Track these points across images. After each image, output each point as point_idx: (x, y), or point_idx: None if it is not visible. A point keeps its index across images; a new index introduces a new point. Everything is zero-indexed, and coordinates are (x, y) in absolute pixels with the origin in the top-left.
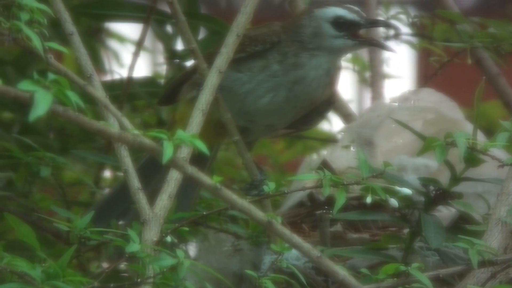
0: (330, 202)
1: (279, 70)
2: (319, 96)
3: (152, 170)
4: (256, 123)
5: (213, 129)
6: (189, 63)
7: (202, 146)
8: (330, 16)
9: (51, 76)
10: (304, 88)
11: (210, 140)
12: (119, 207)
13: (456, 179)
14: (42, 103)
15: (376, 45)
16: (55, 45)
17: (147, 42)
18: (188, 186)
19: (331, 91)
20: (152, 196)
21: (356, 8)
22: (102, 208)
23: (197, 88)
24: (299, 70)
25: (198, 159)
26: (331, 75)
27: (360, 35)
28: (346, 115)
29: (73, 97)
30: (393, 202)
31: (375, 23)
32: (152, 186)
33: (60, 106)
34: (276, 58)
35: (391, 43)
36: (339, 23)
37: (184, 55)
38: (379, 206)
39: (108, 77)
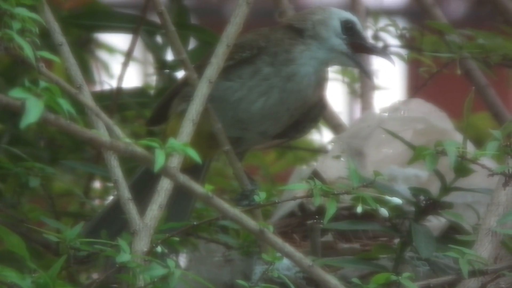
0: (320, 212)
1: (271, 72)
2: (310, 96)
3: (145, 186)
4: (249, 131)
5: (205, 142)
6: (179, 73)
7: (194, 154)
8: (344, 16)
9: (42, 84)
10: (295, 85)
11: (202, 153)
12: (114, 224)
13: (446, 189)
14: (33, 111)
15: (362, 69)
16: (46, 54)
17: (137, 53)
18: (183, 199)
19: (321, 94)
20: (144, 208)
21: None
22: (97, 225)
23: (187, 100)
24: (290, 65)
25: (190, 172)
26: (320, 73)
27: (357, 50)
28: (336, 126)
29: (65, 105)
30: (384, 212)
31: (376, 50)
32: (145, 202)
33: (52, 114)
34: (266, 61)
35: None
36: (347, 27)
37: (174, 66)
38: (369, 216)
39: (97, 88)
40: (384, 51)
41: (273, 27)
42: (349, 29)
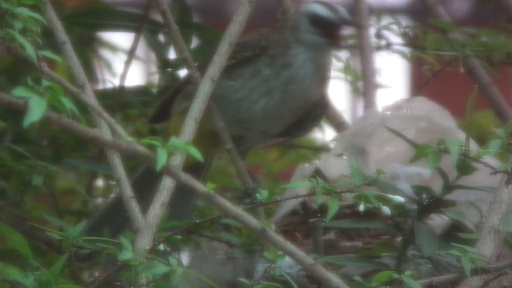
0: (323, 210)
1: (271, 74)
2: (313, 94)
3: (147, 184)
4: (251, 130)
5: (207, 140)
6: (182, 72)
7: (196, 153)
8: (308, 12)
9: (45, 82)
10: (297, 87)
11: (204, 151)
12: (115, 221)
13: (449, 187)
14: (36, 109)
15: (344, 48)
16: (48, 54)
17: (140, 52)
18: (183, 197)
19: (323, 91)
20: (146, 206)
21: (338, 7)
22: (98, 222)
23: (189, 99)
24: (288, 70)
25: (191, 170)
26: (321, 71)
27: (335, 35)
28: (338, 124)
29: (67, 103)
30: (386, 210)
31: (346, 22)
32: (147, 200)
33: (54, 113)
34: (265, 62)
35: (383, 53)
36: (315, 20)
37: (176, 64)
38: (372, 214)
39: (100, 86)
40: (353, 23)
41: (272, 28)
42: (317, 22)
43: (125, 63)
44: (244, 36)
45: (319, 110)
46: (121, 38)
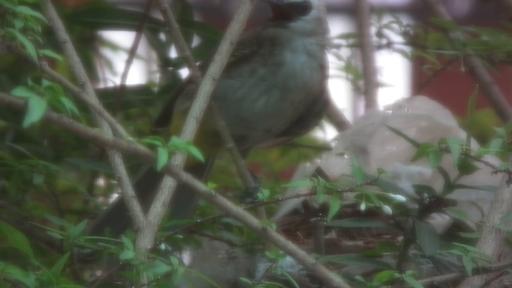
0: (324, 209)
1: (266, 73)
2: (315, 82)
3: (149, 183)
4: (254, 129)
5: (209, 139)
6: (183, 71)
7: (197, 153)
8: None
9: (45, 82)
10: (298, 79)
11: (205, 151)
12: (119, 222)
13: (450, 186)
14: (36, 110)
15: (278, 28)
16: (49, 53)
17: (141, 50)
18: (185, 196)
19: (323, 84)
20: (148, 205)
21: None
22: (102, 222)
23: (190, 98)
24: (283, 66)
25: (193, 170)
26: (313, 56)
27: (273, 17)
28: (340, 123)
29: (68, 103)
30: (387, 209)
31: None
32: (150, 200)
33: (55, 113)
34: (259, 62)
35: (384, 52)
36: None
37: (177, 63)
38: (373, 213)
39: (101, 85)
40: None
41: (264, 25)
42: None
43: (126, 62)
44: (242, 34)
45: (321, 106)
46: (122, 37)
